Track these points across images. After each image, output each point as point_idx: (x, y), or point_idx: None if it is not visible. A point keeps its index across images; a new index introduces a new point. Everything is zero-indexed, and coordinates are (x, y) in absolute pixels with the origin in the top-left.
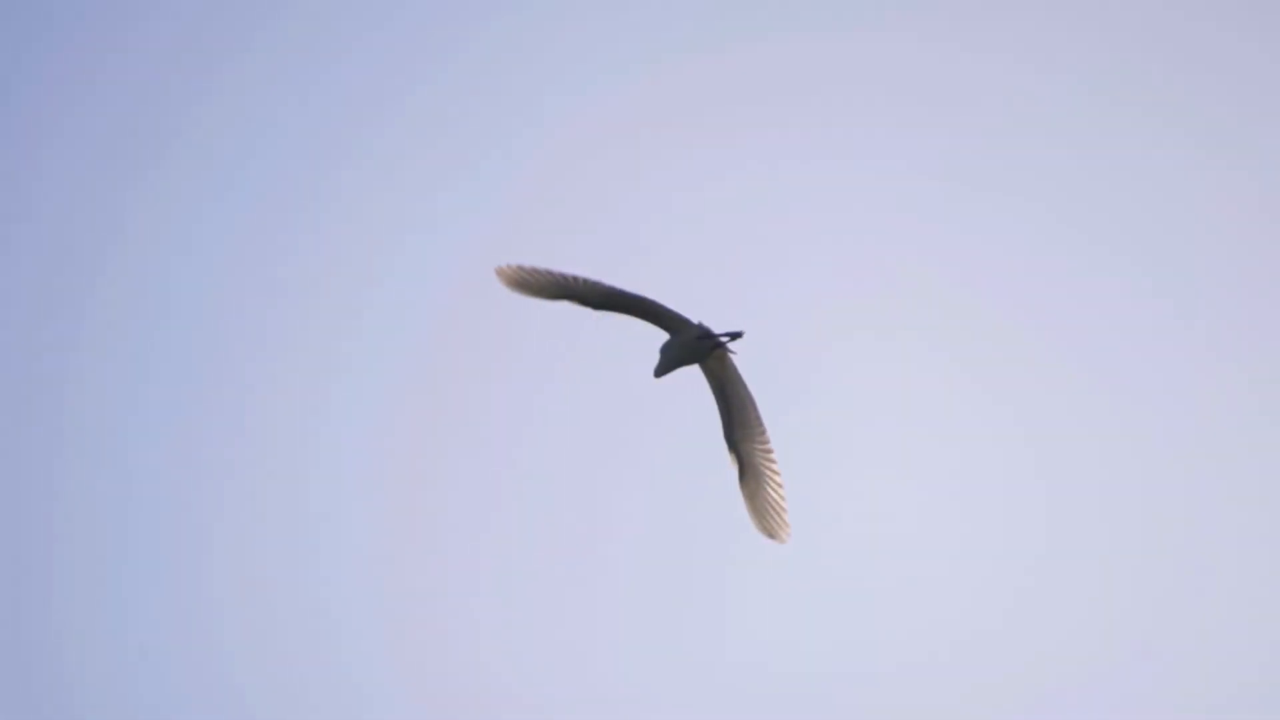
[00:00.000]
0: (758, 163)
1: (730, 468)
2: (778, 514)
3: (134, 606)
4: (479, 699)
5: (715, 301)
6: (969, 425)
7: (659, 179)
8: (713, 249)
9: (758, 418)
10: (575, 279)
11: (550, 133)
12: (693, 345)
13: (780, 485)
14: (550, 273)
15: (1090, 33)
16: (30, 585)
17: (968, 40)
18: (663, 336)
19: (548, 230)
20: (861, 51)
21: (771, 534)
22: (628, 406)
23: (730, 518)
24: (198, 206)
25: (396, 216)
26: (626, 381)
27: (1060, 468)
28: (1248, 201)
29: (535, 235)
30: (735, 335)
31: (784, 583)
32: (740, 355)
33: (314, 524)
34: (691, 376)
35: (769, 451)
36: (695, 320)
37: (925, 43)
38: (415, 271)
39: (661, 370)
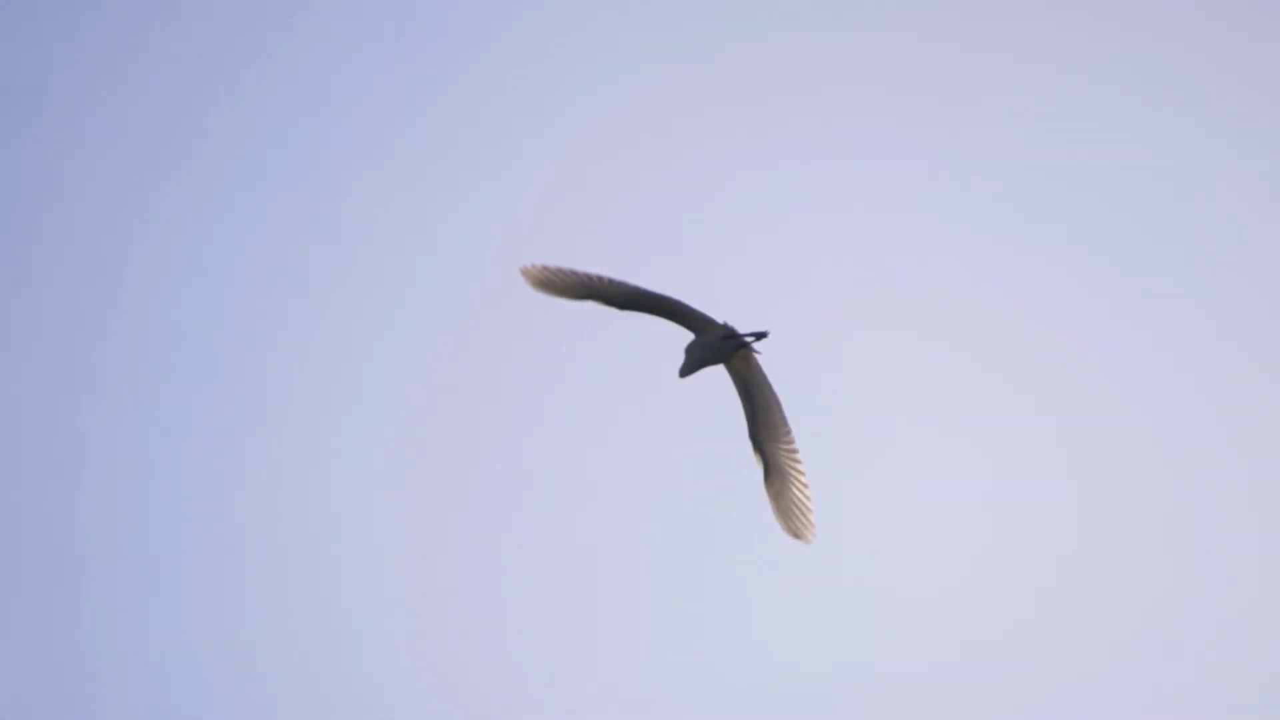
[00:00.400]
0: (781, 162)
1: (755, 468)
2: (803, 514)
3: (157, 604)
4: (500, 698)
5: (740, 301)
6: (995, 425)
7: (682, 179)
8: (738, 248)
9: (783, 418)
10: (600, 279)
11: (574, 133)
12: (718, 345)
13: (805, 485)
14: (575, 273)
15: (1106, 29)
16: (53, 585)
17: (989, 40)
18: (688, 337)
19: (572, 230)
20: (881, 52)
21: (797, 534)
22: (653, 407)
23: (755, 518)
24: (220, 206)
25: (421, 217)
26: (651, 382)
27: (1086, 468)
28: (1263, 194)
29: (560, 235)
30: (760, 335)
31: (809, 583)
32: (765, 355)
33: (336, 523)
34: (716, 377)
35: (794, 451)
36: (720, 320)
37: (945, 42)
38: (440, 272)
39: (686, 370)
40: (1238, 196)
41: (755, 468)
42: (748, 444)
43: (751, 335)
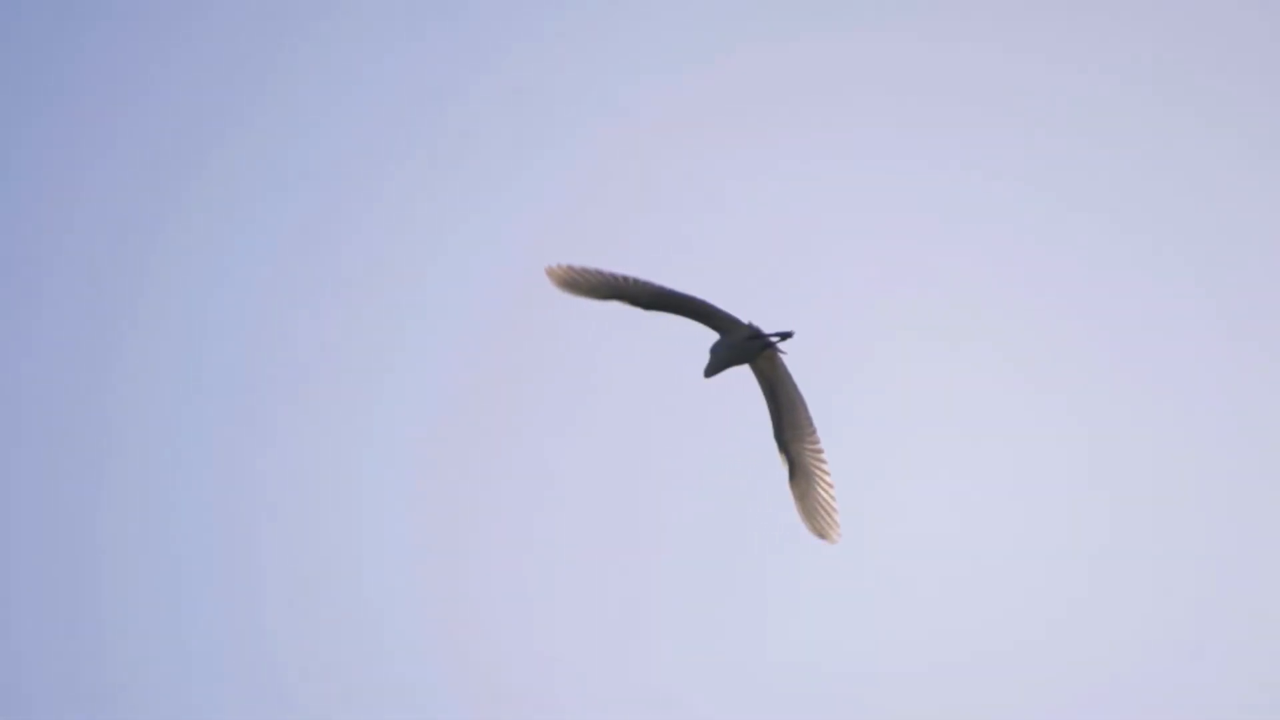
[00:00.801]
0: (807, 161)
1: (780, 468)
2: (828, 514)
3: (182, 606)
4: (524, 697)
5: (765, 301)
6: (1019, 426)
7: (707, 178)
8: (763, 248)
9: (808, 418)
10: (625, 279)
11: (597, 134)
12: (742, 345)
13: (830, 485)
14: (600, 273)
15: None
16: (82, 584)
17: (1019, 40)
18: (713, 337)
19: (597, 230)
20: (900, 52)
21: (822, 534)
22: (678, 407)
23: (781, 518)
24: (245, 208)
25: (446, 217)
26: (676, 382)
27: (1112, 468)
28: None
29: (585, 235)
30: (785, 335)
31: (834, 583)
32: (790, 355)
33: (362, 523)
34: (741, 377)
35: (819, 452)
36: (745, 320)
37: (968, 42)
38: (465, 272)
39: (711, 370)
40: (1257, 192)
41: (780, 468)
42: (773, 444)
43: (776, 335)
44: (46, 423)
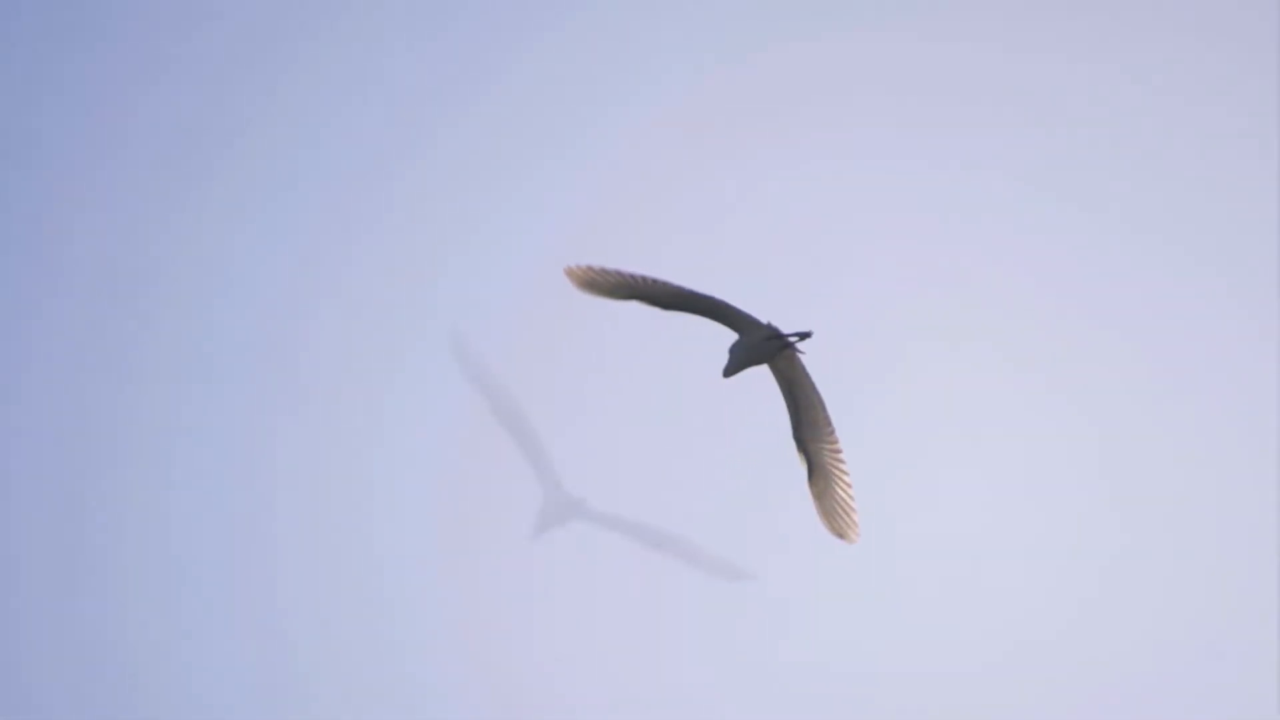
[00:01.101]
0: (824, 162)
1: (799, 468)
2: (846, 514)
3: (199, 608)
4: (539, 694)
5: (784, 301)
6: (1037, 427)
7: (726, 179)
8: (782, 248)
9: (826, 418)
10: (644, 279)
11: (615, 136)
12: (761, 345)
13: (849, 485)
14: (619, 273)
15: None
16: (100, 584)
17: (1019, 39)
18: (732, 336)
19: (616, 231)
20: (905, 51)
21: (840, 534)
22: (697, 406)
23: (799, 518)
24: (262, 205)
25: (467, 217)
26: (695, 381)
27: (1129, 469)
28: None
29: (602, 236)
30: (804, 335)
31: (853, 583)
32: (809, 356)
33: (382, 521)
34: (760, 377)
35: (838, 452)
36: (764, 320)
37: (973, 42)
38: (486, 272)
39: (730, 370)
40: (1258, 191)
41: (799, 468)
42: (791, 444)
43: (795, 335)
44: (62, 422)
